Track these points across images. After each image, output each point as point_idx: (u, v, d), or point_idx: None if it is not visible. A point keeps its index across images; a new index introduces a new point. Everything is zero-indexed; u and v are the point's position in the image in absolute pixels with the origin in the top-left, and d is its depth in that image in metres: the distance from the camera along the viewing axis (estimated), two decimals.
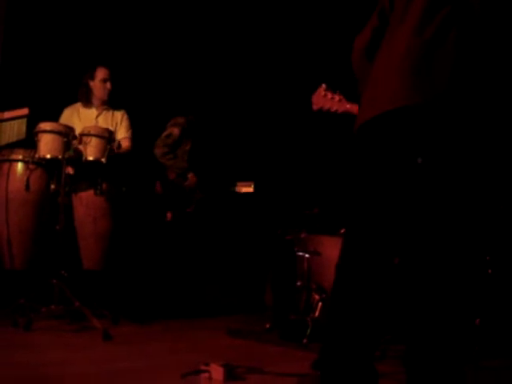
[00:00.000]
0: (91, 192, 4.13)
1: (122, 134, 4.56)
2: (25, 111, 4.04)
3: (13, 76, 5.40)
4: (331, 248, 3.87)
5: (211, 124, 5.09)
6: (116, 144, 4.35)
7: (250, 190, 5.06)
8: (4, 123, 4.10)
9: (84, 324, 3.66)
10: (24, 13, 5.52)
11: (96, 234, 4.12)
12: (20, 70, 5.41)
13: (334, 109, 2.63)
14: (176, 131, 4.79)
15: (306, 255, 3.87)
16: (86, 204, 4.13)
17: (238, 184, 5.06)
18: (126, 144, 4.54)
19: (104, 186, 4.13)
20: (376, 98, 1.84)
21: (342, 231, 3.84)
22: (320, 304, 3.69)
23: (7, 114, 4.11)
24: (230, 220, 5.01)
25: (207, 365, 2.59)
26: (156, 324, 4.18)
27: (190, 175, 4.85)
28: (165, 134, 4.82)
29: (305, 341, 3.52)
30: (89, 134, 3.97)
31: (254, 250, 4.97)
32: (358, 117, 1.95)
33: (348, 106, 2.64)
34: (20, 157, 4.04)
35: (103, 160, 3.96)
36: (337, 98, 2.65)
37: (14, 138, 4.04)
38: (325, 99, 2.63)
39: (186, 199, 4.82)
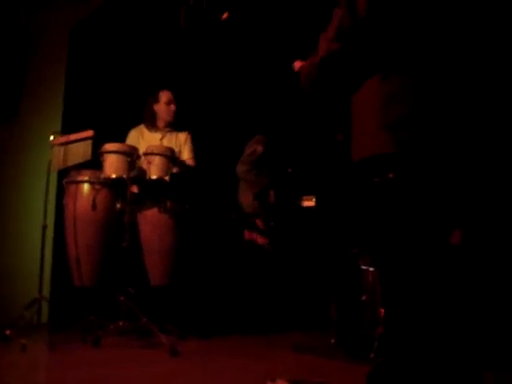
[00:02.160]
0: (156, 210, 4.21)
1: (186, 155, 4.61)
2: (90, 133, 4.14)
3: (78, 100, 5.56)
4: None
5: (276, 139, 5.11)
6: (180, 164, 4.42)
7: (312, 204, 5.03)
8: (70, 145, 4.21)
9: (151, 340, 3.72)
10: (88, 37, 5.68)
11: (161, 250, 4.18)
12: (85, 94, 5.56)
13: None
14: (260, 148, 4.83)
15: (371, 269, 3.83)
16: (151, 222, 4.21)
17: (303, 198, 5.05)
18: (190, 164, 4.59)
19: (168, 203, 4.21)
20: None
21: None
22: None
23: (73, 137, 4.22)
24: (294, 235, 5.00)
25: (274, 380, 2.58)
26: (222, 339, 4.20)
27: (271, 192, 4.88)
28: (248, 151, 4.86)
29: (371, 356, 3.47)
30: (152, 153, 4.06)
31: (318, 264, 4.93)
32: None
33: None
34: (86, 178, 4.15)
35: (166, 178, 4.04)
36: None
37: (80, 160, 4.14)
38: None
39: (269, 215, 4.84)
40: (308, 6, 5.00)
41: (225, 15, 2.27)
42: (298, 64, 2.22)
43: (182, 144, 4.64)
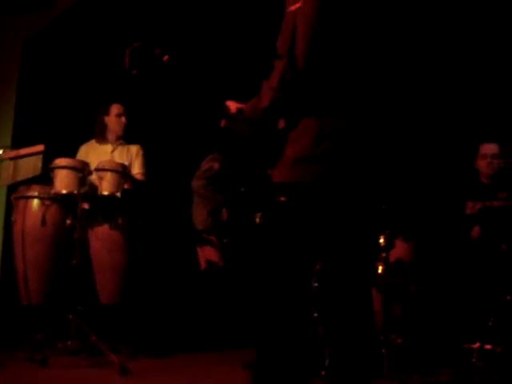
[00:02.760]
0: (106, 226, 4.15)
1: (137, 170, 4.58)
2: (40, 148, 4.08)
3: (29, 113, 5.47)
4: None
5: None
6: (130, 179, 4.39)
7: None
8: (20, 160, 4.14)
9: (101, 359, 3.64)
10: (40, 50, 5.61)
11: (112, 267, 4.12)
12: (36, 108, 5.48)
13: None
14: (216, 165, 4.81)
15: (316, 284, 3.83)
16: (102, 238, 4.15)
17: (257, 215, 5.05)
18: (139, 179, 4.56)
19: (119, 220, 4.16)
20: None
21: None
22: None
23: (23, 151, 4.15)
24: (247, 252, 5.00)
25: None
26: (173, 358, 4.16)
27: (223, 209, 4.86)
28: (205, 168, 4.84)
29: (323, 373, 3.47)
30: (104, 169, 4.01)
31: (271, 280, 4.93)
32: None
33: None
34: (36, 193, 4.08)
35: (118, 194, 3.99)
36: None
37: (30, 175, 4.07)
38: None
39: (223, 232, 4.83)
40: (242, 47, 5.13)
41: (165, 57, 2.42)
42: (232, 105, 2.41)
43: (133, 157, 4.60)
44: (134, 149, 4.65)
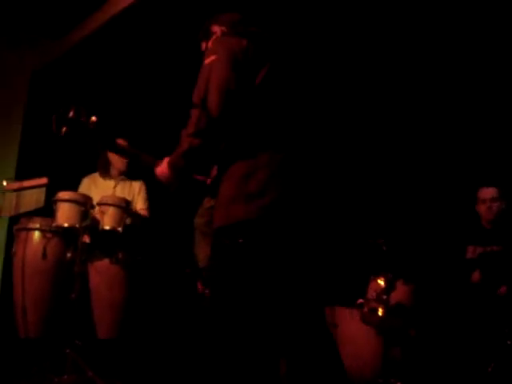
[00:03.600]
0: (107, 261, 4.14)
1: (140, 205, 4.59)
2: (44, 180, 4.10)
3: (33, 146, 5.51)
4: (347, 320, 3.83)
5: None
6: (134, 215, 4.39)
7: None
8: (23, 192, 4.15)
9: None
10: (45, 85, 5.68)
11: (110, 302, 4.10)
12: (40, 140, 5.52)
13: None
14: None
15: None
16: (102, 272, 4.13)
17: None
18: (143, 214, 4.57)
19: (119, 254, 4.15)
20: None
21: (359, 302, 3.82)
22: None
23: (26, 183, 4.16)
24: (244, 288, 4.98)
25: None
26: None
27: None
28: (208, 205, 4.84)
29: None
30: (106, 204, 4.02)
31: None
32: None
33: None
34: (37, 225, 4.07)
35: (120, 229, 3.99)
36: None
37: (32, 207, 4.08)
38: None
39: None
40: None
41: (93, 118, 2.54)
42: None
43: (135, 193, 4.62)
44: (137, 185, 4.67)
